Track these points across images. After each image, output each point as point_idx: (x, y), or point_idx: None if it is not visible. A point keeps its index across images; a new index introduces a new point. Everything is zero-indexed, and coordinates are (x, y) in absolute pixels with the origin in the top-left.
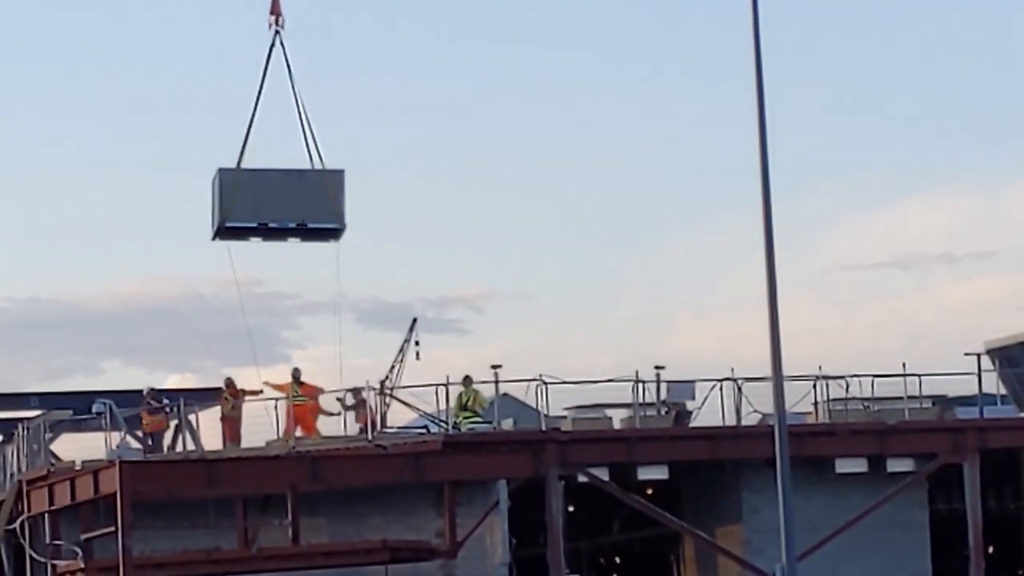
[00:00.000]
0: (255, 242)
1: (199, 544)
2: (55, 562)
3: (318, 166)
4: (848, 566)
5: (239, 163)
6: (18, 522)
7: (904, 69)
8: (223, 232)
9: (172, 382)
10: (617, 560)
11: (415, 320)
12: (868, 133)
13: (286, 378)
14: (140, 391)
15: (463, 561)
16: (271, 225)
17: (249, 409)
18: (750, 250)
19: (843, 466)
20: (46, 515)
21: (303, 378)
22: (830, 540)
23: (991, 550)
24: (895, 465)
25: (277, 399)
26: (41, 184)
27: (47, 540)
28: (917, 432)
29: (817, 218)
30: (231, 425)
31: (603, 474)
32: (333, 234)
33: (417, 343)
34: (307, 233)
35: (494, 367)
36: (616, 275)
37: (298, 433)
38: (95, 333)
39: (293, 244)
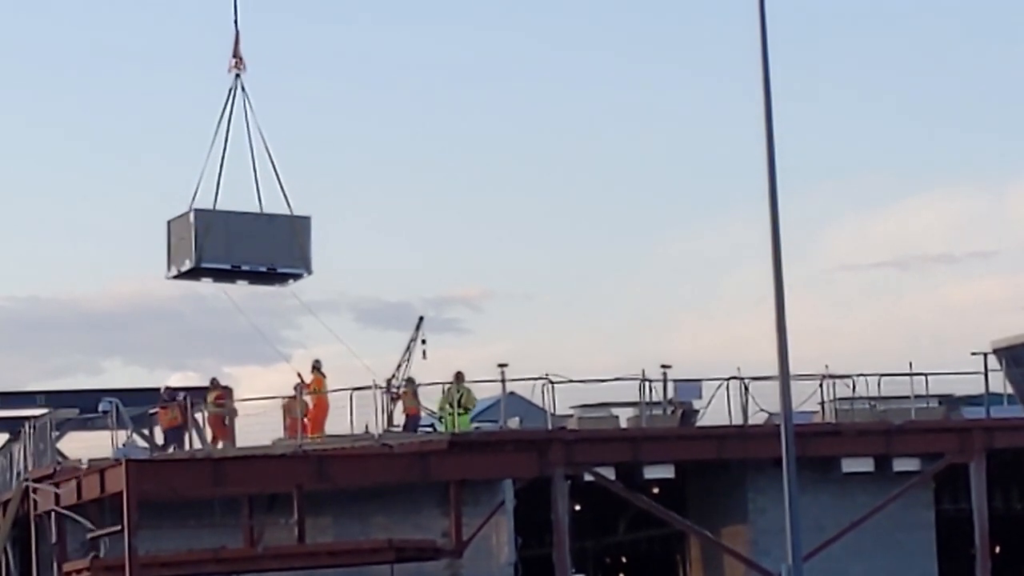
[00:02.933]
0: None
1: (205, 543)
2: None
3: (285, 211)
4: (854, 566)
5: (214, 205)
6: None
7: (905, 70)
8: (193, 272)
9: (173, 381)
10: (623, 560)
11: (421, 319)
12: (869, 134)
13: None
14: (146, 389)
15: (469, 561)
16: (243, 268)
17: (249, 408)
18: (751, 250)
19: (849, 466)
20: (52, 514)
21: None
22: (836, 540)
23: (997, 550)
24: (901, 465)
25: (304, 395)
26: (41, 183)
27: (53, 539)
28: (923, 432)
29: (818, 218)
30: (219, 424)
31: (609, 473)
32: (294, 278)
33: (424, 342)
34: (272, 277)
35: (500, 366)
36: (616, 275)
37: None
38: (95, 332)
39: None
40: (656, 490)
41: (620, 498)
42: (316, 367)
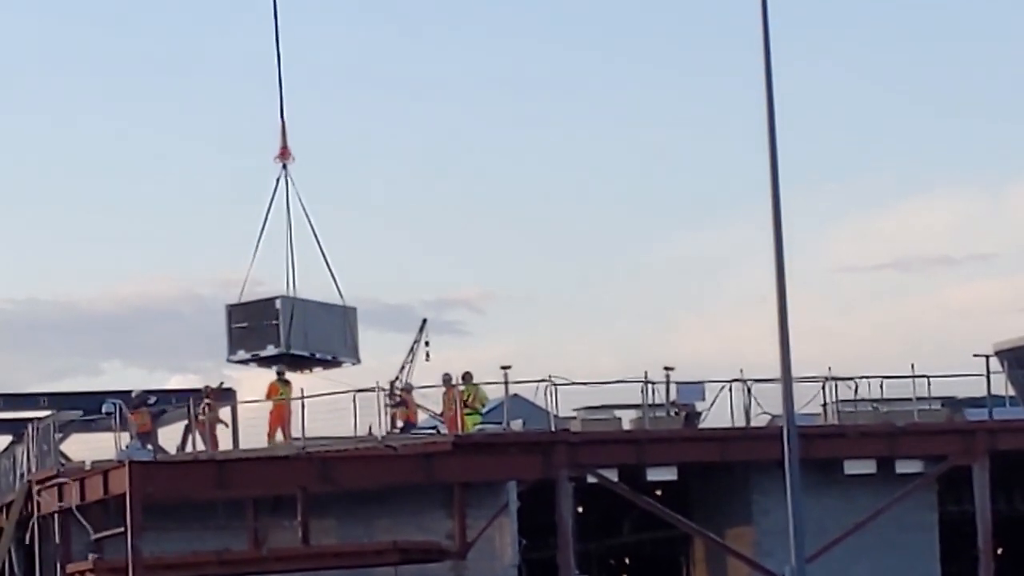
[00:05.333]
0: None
1: (209, 545)
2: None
3: (339, 302)
4: (857, 568)
5: (288, 292)
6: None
7: (906, 72)
8: (272, 359)
9: (173, 383)
10: (627, 561)
11: (425, 321)
12: (870, 136)
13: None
14: (150, 392)
15: (473, 562)
16: (316, 356)
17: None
18: (752, 252)
19: (852, 468)
20: (55, 515)
21: (286, 376)
22: (839, 542)
23: (1000, 552)
24: (904, 467)
25: (270, 400)
26: (40, 185)
27: (56, 541)
28: (927, 434)
29: (819, 220)
30: (210, 431)
31: (612, 475)
32: (341, 364)
33: (427, 343)
34: (331, 365)
35: (504, 368)
36: (618, 276)
37: (279, 436)
38: (95, 334)
39: None
40: (659, 492)
41: (624, 500)
42: (279, 375)
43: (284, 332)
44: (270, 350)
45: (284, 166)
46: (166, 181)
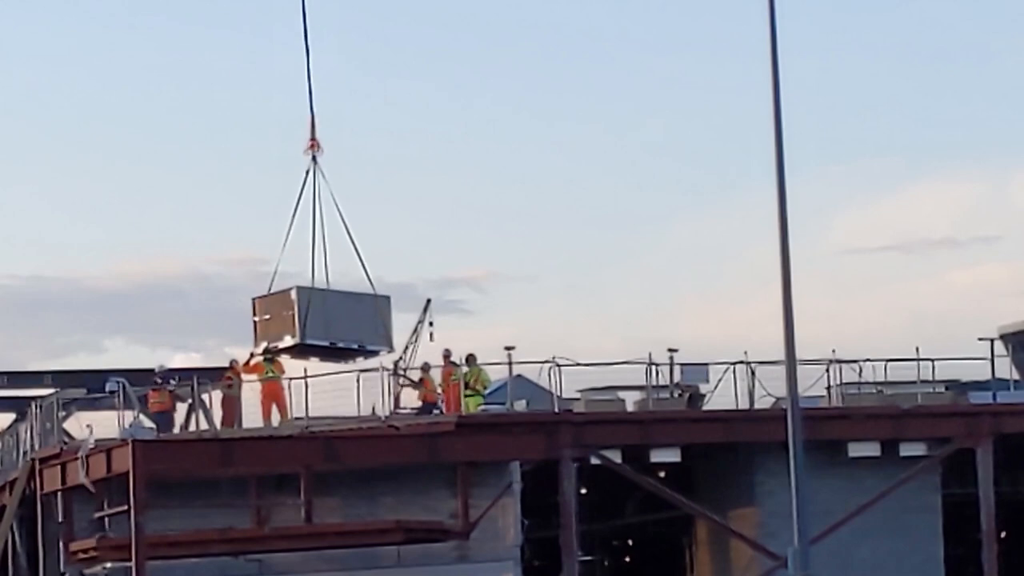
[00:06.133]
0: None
1: (213, 523)
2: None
3: (369, 291)
4: (861, 549)
5: (312, 283)
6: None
7: (911, 56)
8: (291, 349)
9: (176, 361)
10: (630, 542)
11: (429, 301)
12: (874, 119)
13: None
14: (153, 370)
15: (476, 542)
16: (338, 345)
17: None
18: (756, 234)
19: (856, 450)
20: (59, 493)
21: (273, 356)
22: (843, 523)
23: (1003, 534)
24: (908, 449)
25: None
26: (45, 162)
27: (60, 519)
28: (931, 416)
29: (823, 203)
30: (230, 406)
31: (616, 456)
32: (377, 354)
33: (431, 324)
34: (359, 354)
35: (507, 348)
36: (622, 257)
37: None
38: (98, 311)
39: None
40: (663, 473)
41: (627, 481)
42: (266, 354)
43: (300, 322)
44: (287, 341)
45: (314, 158)
46: (171, 159)
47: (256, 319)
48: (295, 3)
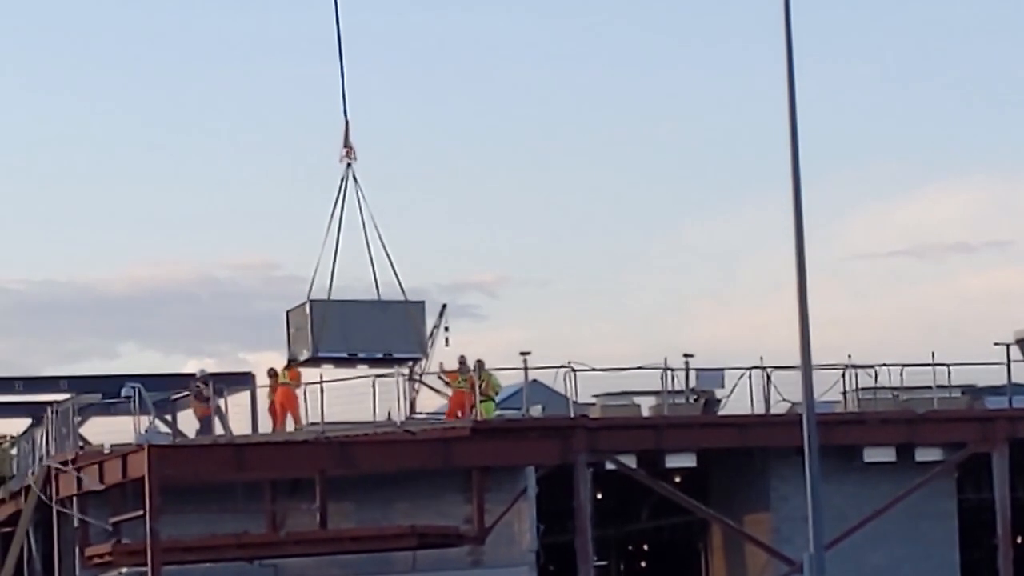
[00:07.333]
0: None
1: (227, 528)
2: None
3: (400, 297)
4: (876, 555)
5: (329, 293)
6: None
7: (924, 59)
8: (311, 361)
9: (189, 367)
10: (645, 547)
11: (444, 306)
12: (887, 122)
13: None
14: (169, 375)
15: (491, 547)
16: (359, 355)
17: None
18: (770, 238)
19: (872, 455)
20: (74, 499)
21: (276, 370)
22: (858, 529)
23: (1020, 540)
24: (924, 454)
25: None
26: (56, 166)
27: (75, 524)
28: (946, 421)
29: (836, 206)
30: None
31: (631, 461)
32: (406, 361)
33: (447, 329)
34: (389, 362)
35: (523, 354)
36: (634, 262)
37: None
38: (111, 316)
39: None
40: (678, 478)
41: (642, 486)
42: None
43: (314, 336)
44: (305, 354)
45: (349, 165)
46: (183, 163)
47: (288, 332)
48: (309, 12)
